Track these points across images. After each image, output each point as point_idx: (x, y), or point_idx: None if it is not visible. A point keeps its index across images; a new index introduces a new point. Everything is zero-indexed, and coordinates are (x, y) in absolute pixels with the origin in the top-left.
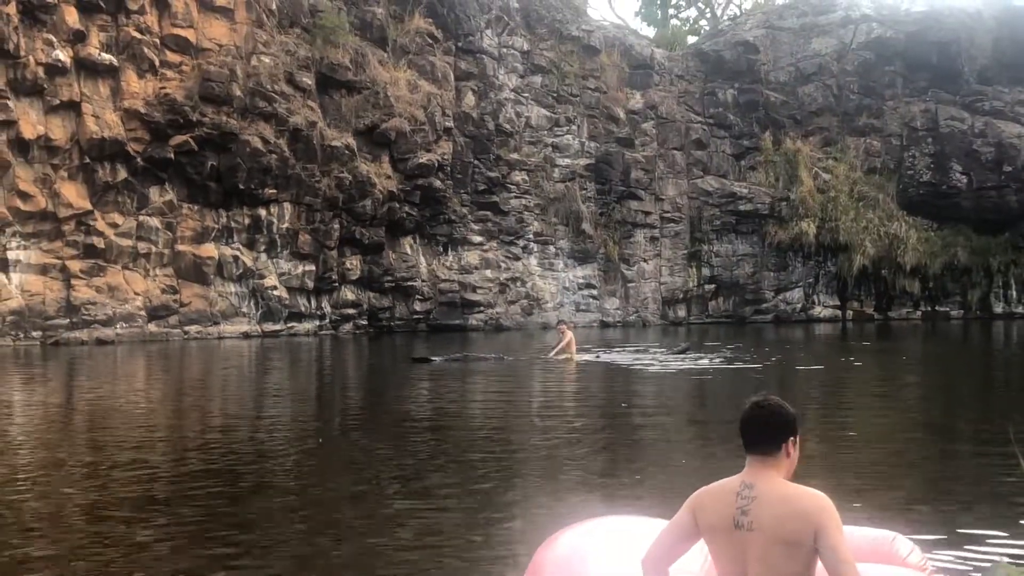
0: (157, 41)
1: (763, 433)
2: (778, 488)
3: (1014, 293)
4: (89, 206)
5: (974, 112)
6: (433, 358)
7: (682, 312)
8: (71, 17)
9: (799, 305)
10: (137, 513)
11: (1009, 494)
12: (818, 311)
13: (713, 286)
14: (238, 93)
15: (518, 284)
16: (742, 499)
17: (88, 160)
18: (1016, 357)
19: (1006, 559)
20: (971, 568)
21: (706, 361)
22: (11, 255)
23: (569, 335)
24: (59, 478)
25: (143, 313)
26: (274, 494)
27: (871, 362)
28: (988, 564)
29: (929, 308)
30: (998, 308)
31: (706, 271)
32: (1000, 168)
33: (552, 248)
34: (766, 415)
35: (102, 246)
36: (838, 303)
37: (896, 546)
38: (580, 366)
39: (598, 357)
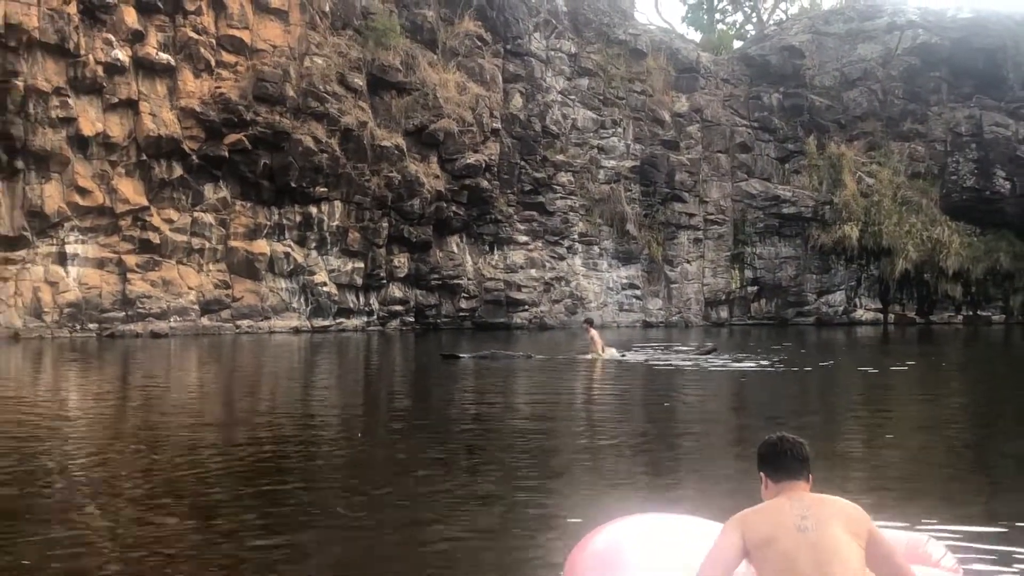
0: (213, 42)
1: (798, 462)
2: (821, 498)
3: None
4: (145, 202)
5: (1019, 119)
6: (461, 355)
7: (724, 313)
8: (130, 17)
9: (841, 308)
10: (182, 507)
11: None
12: (860, 314)
13: (756, 288)
14: (291, 93)
15: (562, 284)
16: (799, 507)
17: (145, 157)
18: None
19: None
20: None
21: (738, 363)
22: (69, 249)
23: (594, 334)
24: (112, 463)
25: (196, 307)
26: (313, 489)
27: (913, 368)
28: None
29: (971, 312)
30: None
31: (749, 273)
32: None
33: (596, 248)
34: (798, 449)
35: (157, 241)
36: (880, 306)
37: (929, 549)
38: (607, 365)
39: (624, 356)
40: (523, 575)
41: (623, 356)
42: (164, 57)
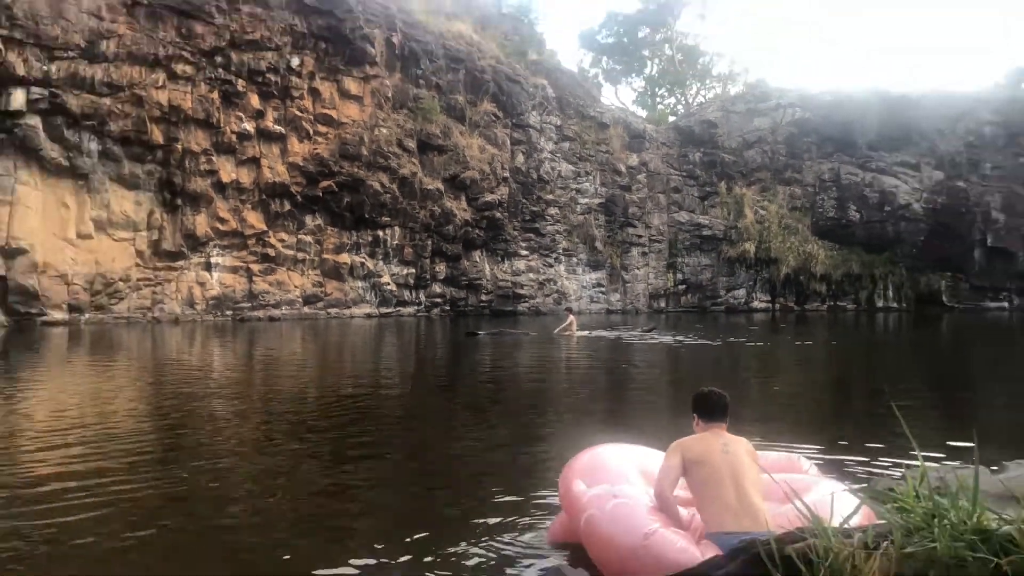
0: (311, 117)
1: (721, 409)
2: (734, 436)
3: (890, 293)
4: (265, 227)
5: (866, 170)
6: (479, 332)
7: (663, 304)
8: (254, 101)
9: (743, 300)
10: (291, 433)
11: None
12: (756, 304)
13: (684, 286)
14: (365, 153)
15: (551, 283)
16: (721, 440)
17: (264, 197)
18: (892, 335)
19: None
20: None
21: (669, 338)
22: (213, 259)
23: (571, 318)
24: (245, 405)
25: (300, 300)
26: (374, 433)
27: (798, 341)
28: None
29: (832, 303)
30: (879, 303)
31: (679, 275)
32: (882, 208)
33: (575, 259)
34: (722, 400)
35: (273, 254)
36: (769, 299)
37: (800, 463)
38: (579, 340)
39: (590, 334)
40: (533, 478)
41: (589, 334)
42: (278, 128)
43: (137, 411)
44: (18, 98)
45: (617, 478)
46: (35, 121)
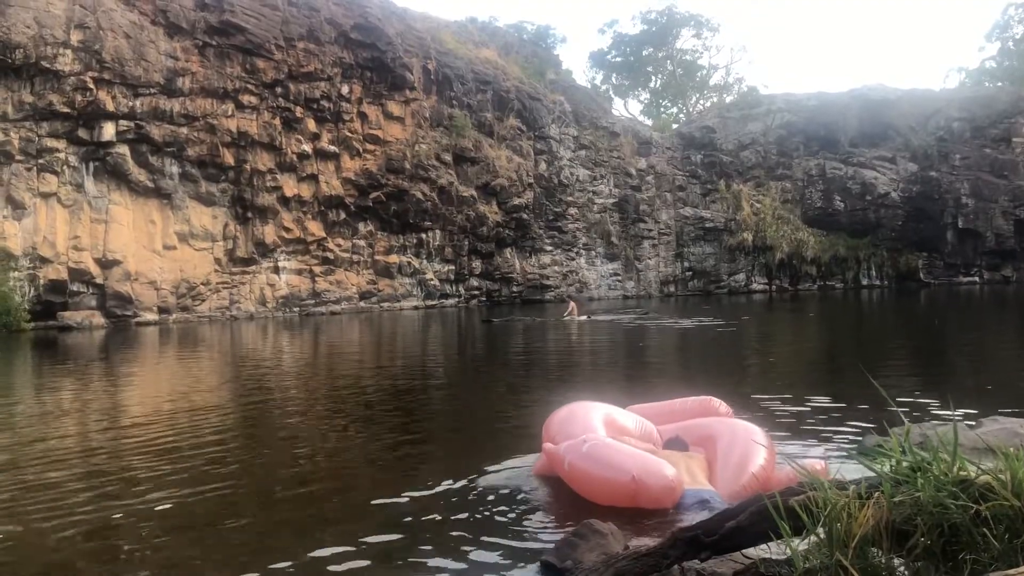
0: (361, 137)
1: None
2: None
3: (873, 272)
4: (324, 234)
5: (848, 164)
6: (494, 319)
7: (672, 289)
8: (311, 125)
9: (743, 283)
10: (350, 411)
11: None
12: (755, 287)
13: (690, 273)
14: (408, 167)
15: (573, 274)
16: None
17: (323, 208)
18: (876, 308)
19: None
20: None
21: (689, 322)
22: (280, 264)
23: (572, 305)
24: (311, 383)
25: (356, 296)
26: (429, 396)
27: (790, 317)
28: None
29: (822, 283)
30: (864, 282)
31: (686, 264)
32: (864, 198)
33: (593, 252)
34: None
35: (332, 257)
36: (767, 281)
37: (714, 404)
38: (580, 324)
39: (589, 318)
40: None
41: (589, 318)
42: (332, 148)
43: (225, 392)
44: (108, 130)
45: (584, 429)
46: (124, 150)
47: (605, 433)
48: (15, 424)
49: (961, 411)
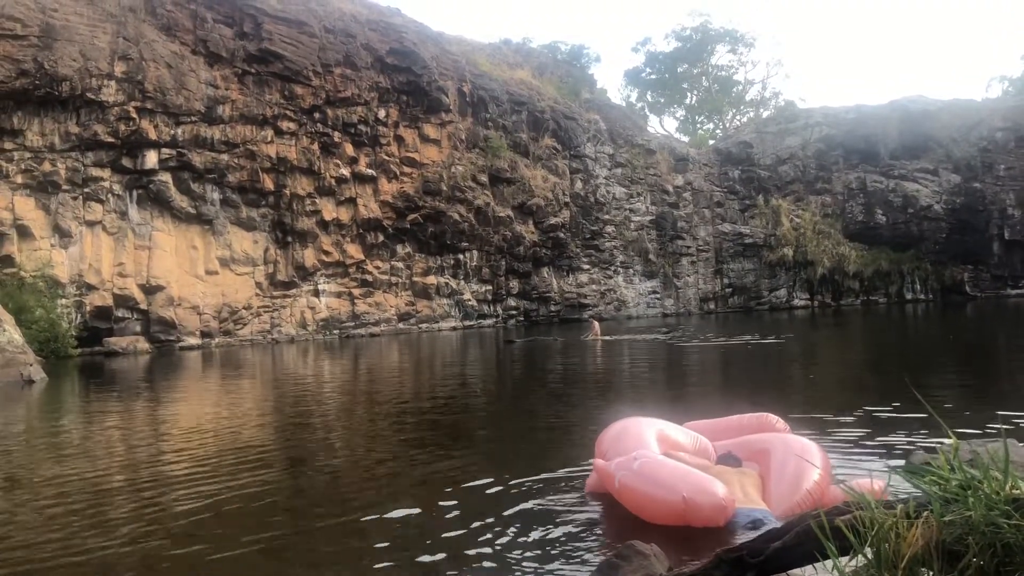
0: (398, 160)
1: None
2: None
3: (918, 286)
4: (363, 257)
5: (889, 177)
6: (516, 340)
7: (712, 306)
8: (349, 149)
9: (784, 299)
10: (399, 425)
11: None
12: (796, 302)
13: (730, 289)
14: (444, 188)
15: (611, 293)
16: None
17: (362, 231)
18: (921, 323)
19: (921, 450)
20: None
21: (697, 340)
22: (320, 286)
23: (596, 325)
24: (359, 403)
25: (395, 317)
26: (469, 414)
27: (832, 334)
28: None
29: (865, 298)
30: (908, 296)
31: (726, 280)
32: (906, 211)
33: (631, 270)
34: None
35: (371, 279)
36: (808, 297)
37: (771, 421)
38: (602, 344)
39: (609, 338)
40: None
41: (611, 338)
42: (370, 171)
43: (269, 413)
44: (151, 158)
45: (637, 445)
46: (166, 177)
47: (658, 449)
48: (89, 449)
49: (1012, 427)
